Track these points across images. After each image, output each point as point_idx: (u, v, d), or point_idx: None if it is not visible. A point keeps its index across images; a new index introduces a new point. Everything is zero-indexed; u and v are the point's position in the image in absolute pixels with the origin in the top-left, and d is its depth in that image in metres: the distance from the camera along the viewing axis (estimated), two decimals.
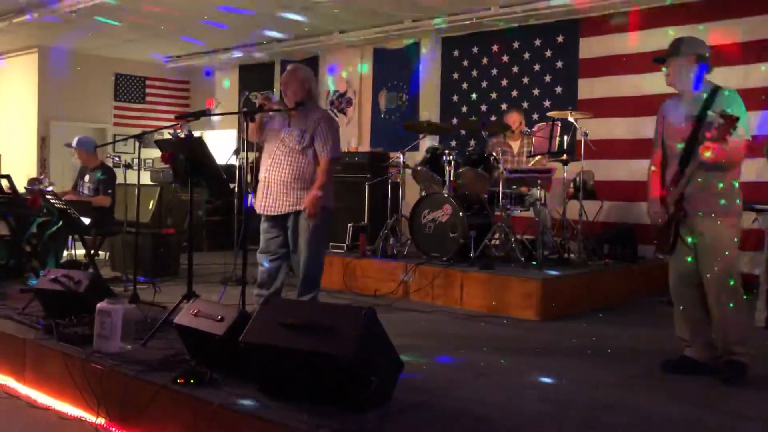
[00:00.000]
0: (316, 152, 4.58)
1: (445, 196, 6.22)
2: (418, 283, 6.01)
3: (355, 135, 10.05)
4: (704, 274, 3.69)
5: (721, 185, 3.64)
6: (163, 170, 9.61)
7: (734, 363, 3.64)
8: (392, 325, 3.16)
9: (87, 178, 6.71)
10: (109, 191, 6.55)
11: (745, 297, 3.70)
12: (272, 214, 4.62)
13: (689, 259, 3.75)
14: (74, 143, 6.64)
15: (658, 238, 3.86)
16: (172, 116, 12.31)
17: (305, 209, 4.50)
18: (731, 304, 3.63)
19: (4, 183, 6.06)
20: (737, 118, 3.40)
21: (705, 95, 3.68)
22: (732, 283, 3.63)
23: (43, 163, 11.17)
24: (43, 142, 11.24)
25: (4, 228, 6.52)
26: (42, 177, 6.61)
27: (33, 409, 3.80)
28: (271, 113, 4.69)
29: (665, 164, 3.88)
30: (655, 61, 3.89)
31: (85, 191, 6.64)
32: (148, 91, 12.44)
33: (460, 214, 6.04)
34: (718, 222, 3.64)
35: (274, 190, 4.59)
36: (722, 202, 3.63)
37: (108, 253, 7.55)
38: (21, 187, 6.50)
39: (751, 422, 3.15)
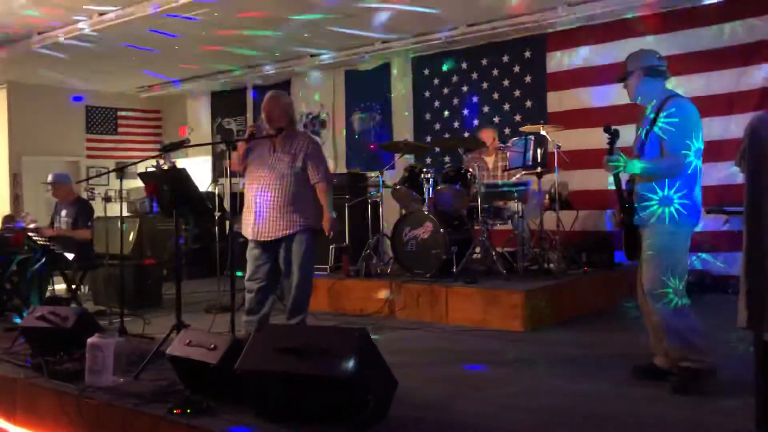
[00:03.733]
0: (308, 175, 4.66)
1: (426, 213, 6.31)
2: (404, 301, 6.07)
3: (331, 157, 10.12)
4: (643, 281, 3.79)
5: (659, 195, 3.68)
6: (140, 201, 9.59)
7: (684, 370, 3.65)
8: (382, 344, 3.21)
9: (64, 212, 6.69)
10: (89, 224, 6.53)
11: (684, 302, 3.66)
12: (266, 239, 4.66)
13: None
14: (50, 179, 6.61)
15: (624, 244, 3.96)
16: (145, 146, 12.38)
17: (302, 231, 4.58)
18: (662, 311, 3.67)
19: None
20: (615, 133, 3.67)
21: (657, 107, 3.75)
22: (661, 290, 3.65)
23: (16, 199, 11.05)
24: (15, 179, 11.13)
25: None
26: (24, 215, 6.56)
27: None
28: (253, 140, 4.74)
29: None
30: (617, 81, 4.04)
31: (63, 226, 6.61)
32: (120, 122, 12.41)
33: (441, 230, 6.13)
34: (654, 230, 3.70)
35: (266, 215, 4.63)
36: (658, 211, 3.69)
37: (88, 287, 7.49)
38: None
39: (747, 420, 3.23)
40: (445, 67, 9.29)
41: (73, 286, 6.44)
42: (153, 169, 4.88)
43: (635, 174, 3.78)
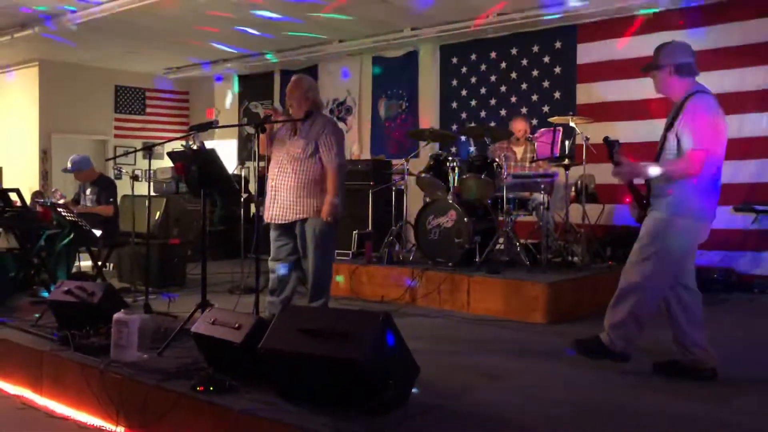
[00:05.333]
0: (322, 160, 4.66)
1: (450, 202, 6.29)
2: (425, 289, 6.07)
3: (355, 143, 10.12)
4: None
5: (672, 193, 3.66)
6: (167, 181, 9.69)
7: (598, 341, 3.84)
8: (402, 331, 3.21)
9: (88, 191, 6.78)
10: (111, 200, 6.61)
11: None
12: (280, 222, 4.69)
13: None
14: (70, 167, 6.67)
15: None
16: (172, 127, 12.49)
17: (315, 216, 4.57)
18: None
19: (13, 196, 6.10)
20: (612, 144, 3.65)
21: (679, 104, 3.71)
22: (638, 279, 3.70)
23: (45, 176, 11.22)
24: (45, 155, 11.29)
25: (13, 241, 6.57)
26: (54, 190, 6.64)
27: (52, 419, 3.84)
28: (277, 124, 4.76)
29: None
30: (642, 70, 3.98)
31: (88, 203, 6.70)
32: (148, 102, 12.51)
33: (465, 219, 6.11)
34: (653, 219, 3.72)
35: (282, 198, 4.66)
36: (663, 204, 3.68)
37: (113, 265, 7.60)
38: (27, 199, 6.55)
39: (765, 418, 3.21)
40: (473, 56, 9.22)
41: (99, 263, 6.53)
42: (182, 149, 4.92)
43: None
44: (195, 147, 5.04)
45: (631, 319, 3.75)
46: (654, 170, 3.68)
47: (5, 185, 10.91)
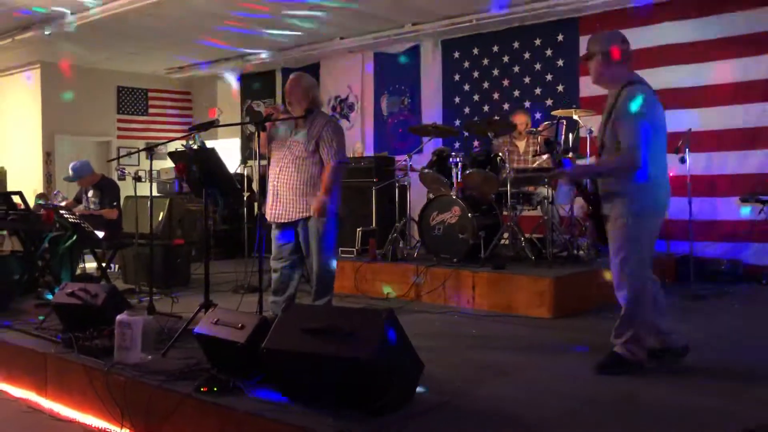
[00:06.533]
0: (322, 158, 4.64)
1: (453, 197, 6.26)
2: (430, 285, 6.04)
3: (358, 140, 10.09)
4: None
5: (617, 187, 3.65)
6: (170, 182, 9.68)
7: (614, 355, 3.74)
8: (407, 327, 3.18)
9: (90, 193, 6.76)
10: (114, 203, 6.59)
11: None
12: (283, 221, 4.67)
13: None
14: (72, 175, 6.64)
15: (597, 234, 3.99)
16: (175, 127, 12.47)
17: (314, 214, 4.55)
18: (620, 299, 3.74)
19: (16, 199, 6.10)
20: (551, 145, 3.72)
21: (616, 93, 3.67)
22: (630, 280, 3.68)
23: (48, 178, 11.22)
24: (48, 157, 11.30)
25: (17, 243, 6.57)
26: (55, 193, 6.63)
27: (56, 422, 3.84)
28: (277, 122, 4.74)
29: None
30: (581, 61, 3.94)
31: (91, 206, 6.69)
32: (150, 102, 12.50)
33: (469, 215, 6.08)
34: (615, 222, 3.68)
35: (283, 197, 4.64)
36: (617, 203, 3.66)
37: (118, 266, 7.59)
38: (30, 202, 6.53)
39: None
40: (475, 50, 9.18)
41: (103, 265, 6.52)
42: (182, 148, 4.90)
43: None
44: (195, 146, 5.02)
45: (642, 330, 3.75)
46: (594, 170, 3.72)
47: (9, 188, 10.92)
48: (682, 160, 6.06)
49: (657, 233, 3.74)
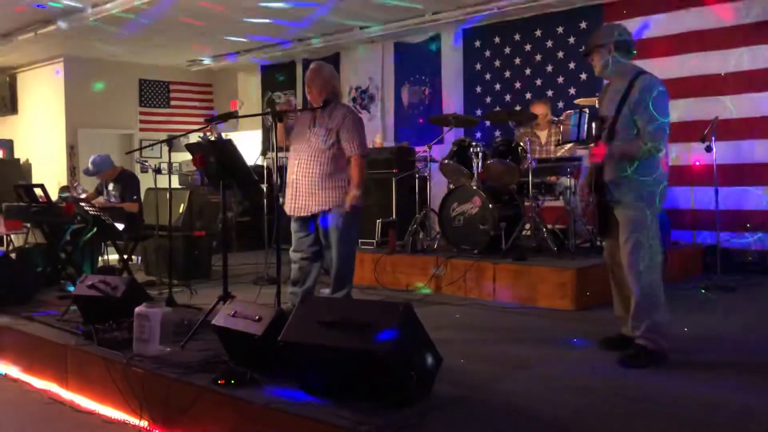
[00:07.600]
0: (343, 150, 4.59)
1: (474, 188, 6.19)
2: (450, 277, 5.99)
3: (379, 131, 10.04)
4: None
5: (626, 173, 3.71)
6: (191, 173, 9.71)
7: (637, 347, 3.70)
8: (426, 320, 3.15)
9: (111, 186, 6.77)
10: (135, 197, 6.61)
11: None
12: (302, 215, 4.65)
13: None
14: (92, 170, 6.66)
15: (597, 223, 4.03)
16: (196, 119, 12.50)
17: (337, 207, 4.52)
18: (634, 288, 3.71)
19: (38, 192, 6.15)
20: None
21: (627, 83, 3.73)
22: (640, 267, 3.67)
23: (72, 171, 11.33)
24: (72, 150, 11.41)
25: (40, 236, 6.63)
26: (75, 185, 6.67)
27: (77, 414, 3.87)
28: (295, 114, 4.71)
29: None
30: (582, 54, 3.95)
31: (112, 199, 6.72)
32: (172, 95, 12.55)
33: (490, 206, 6.01)
34: (627, 208, 3.73)
35: (303, 190, 4.62)
36: (627, 189, 3.72)
37: (140, 258, 7.64)
38: (53, 194, 6.59)
39: None
40: (496, 39, 9.06)
41: (125, 257, 6.56)
42: (200, 140, 4.89)
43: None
44: (212, 138, 5.01)
45: (658, 316, 3.72)
46: (619, 150, 3.73)
47: (34, 181, 11.04)
48: (708, 149, 5.92)
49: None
